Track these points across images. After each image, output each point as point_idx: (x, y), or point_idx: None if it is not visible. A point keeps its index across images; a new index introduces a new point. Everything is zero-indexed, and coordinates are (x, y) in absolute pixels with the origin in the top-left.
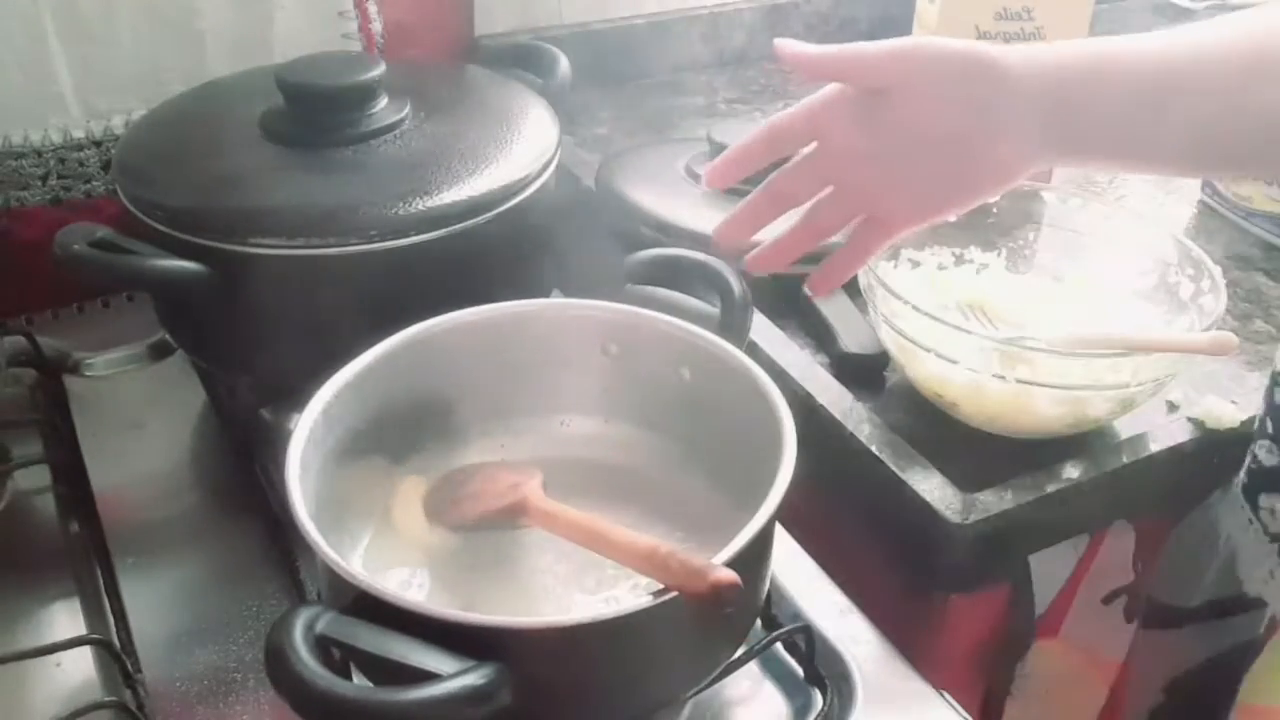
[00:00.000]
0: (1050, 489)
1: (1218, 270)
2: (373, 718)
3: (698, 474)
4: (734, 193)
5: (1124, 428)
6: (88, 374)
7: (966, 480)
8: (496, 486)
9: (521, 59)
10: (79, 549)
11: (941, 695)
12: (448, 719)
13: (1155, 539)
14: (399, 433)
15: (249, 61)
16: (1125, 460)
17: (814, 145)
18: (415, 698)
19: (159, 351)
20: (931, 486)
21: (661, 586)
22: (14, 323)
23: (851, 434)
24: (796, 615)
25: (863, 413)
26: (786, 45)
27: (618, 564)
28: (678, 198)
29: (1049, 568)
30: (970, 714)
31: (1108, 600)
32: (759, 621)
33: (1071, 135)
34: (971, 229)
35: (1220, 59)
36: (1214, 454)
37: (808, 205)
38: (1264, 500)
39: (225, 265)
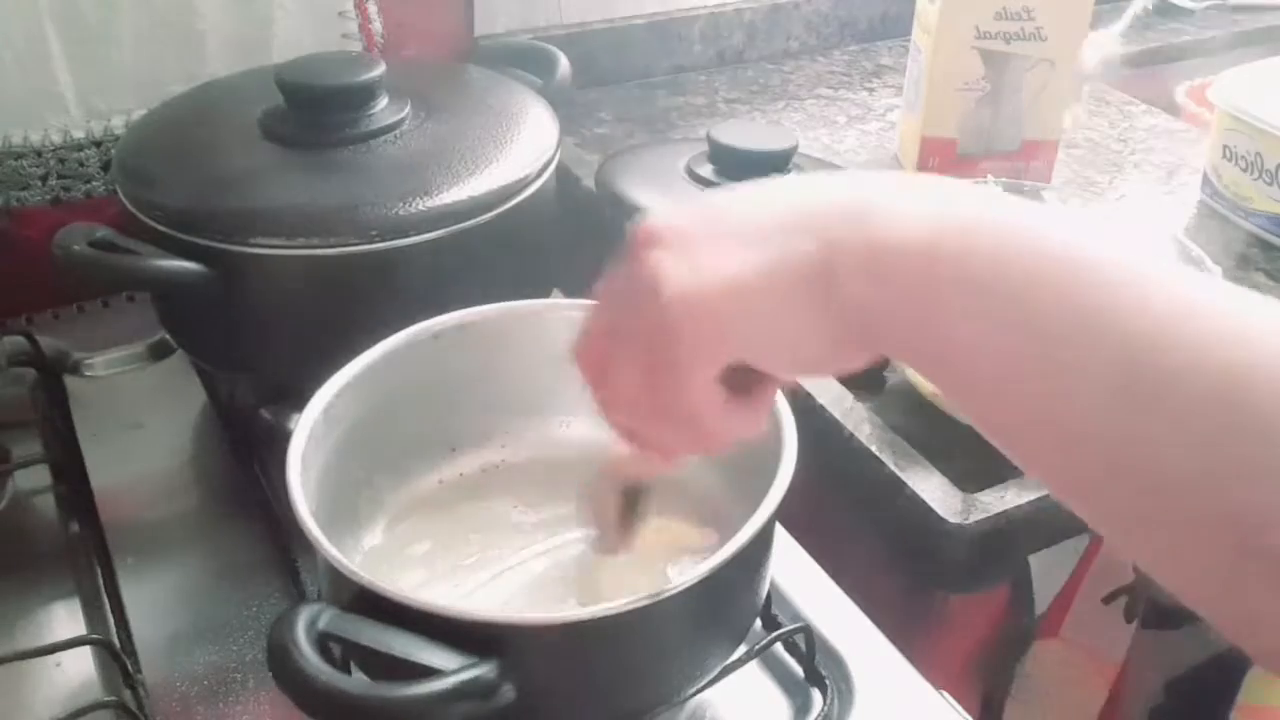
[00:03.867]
0: None
1: (1217, 269)
2: (376, 713)
3: (697, 474)
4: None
5: None
6: (88, 374)
7: (966, 480)
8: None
9: (521, 59)
10: (79, 549)
11: (941, 695)
12: (450, 715)
13: None
14: (399, 432)
15: (249, 61)
16: None
17: None
18: (417, 693)
19: (159, 351)
20: (931, 486)
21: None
22: (14, 323)
23: (851, 434)
24: (796, 615)
25: (863, 413)
26: None
27: None
28: (678, 198)
29: (1049, 568)
30: (970, 714)
31: (1108, 600)
32: (759, 621)
33: None
34: None
35: None
36: None
37: None
38: None
39: (225, 265)
